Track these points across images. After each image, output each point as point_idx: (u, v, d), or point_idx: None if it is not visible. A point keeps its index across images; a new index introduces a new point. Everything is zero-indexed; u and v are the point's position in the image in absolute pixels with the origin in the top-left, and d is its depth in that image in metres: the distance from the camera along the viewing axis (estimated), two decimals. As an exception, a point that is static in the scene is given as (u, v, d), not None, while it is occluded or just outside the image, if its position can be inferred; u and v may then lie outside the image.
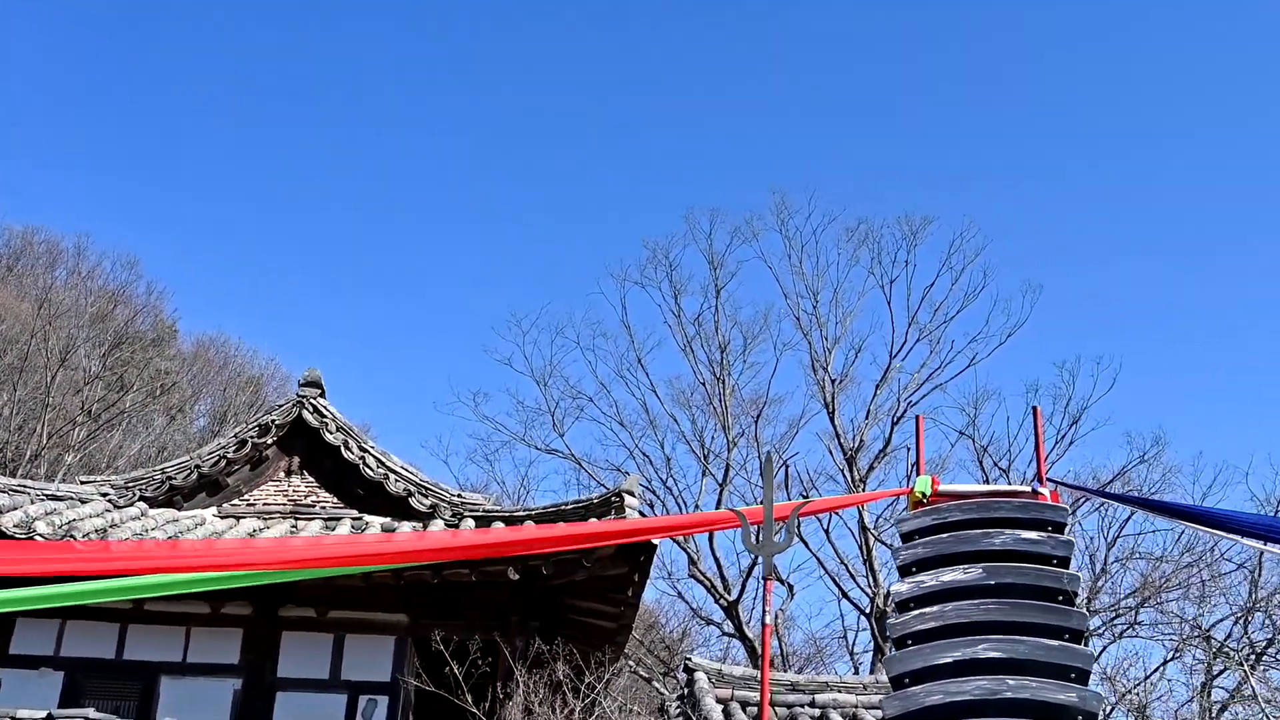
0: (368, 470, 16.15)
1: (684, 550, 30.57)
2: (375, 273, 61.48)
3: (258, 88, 63.71)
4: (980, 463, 29.59)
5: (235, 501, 16.24)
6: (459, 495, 16.50)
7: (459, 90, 62.01)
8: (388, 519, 15.81)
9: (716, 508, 28.50)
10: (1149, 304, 50.05)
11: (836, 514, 30.13)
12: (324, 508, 16.19)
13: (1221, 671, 25.07)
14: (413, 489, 16.10)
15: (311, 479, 16.51)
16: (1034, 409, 10.51)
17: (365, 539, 14.05)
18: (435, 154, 61.77)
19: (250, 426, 16.71)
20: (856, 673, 27.64)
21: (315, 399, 16.71)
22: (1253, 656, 25.13)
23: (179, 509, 16.06)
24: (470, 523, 15.64)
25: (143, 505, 15.94)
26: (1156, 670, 26.30)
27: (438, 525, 15.61)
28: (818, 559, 30.48)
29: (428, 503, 15.99)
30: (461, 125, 61.56)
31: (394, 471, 16.22)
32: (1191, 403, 47.29)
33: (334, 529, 15.55)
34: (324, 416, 16.55)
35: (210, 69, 63.01)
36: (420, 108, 62.55)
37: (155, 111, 62.18)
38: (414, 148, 61.85)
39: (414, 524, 15.67)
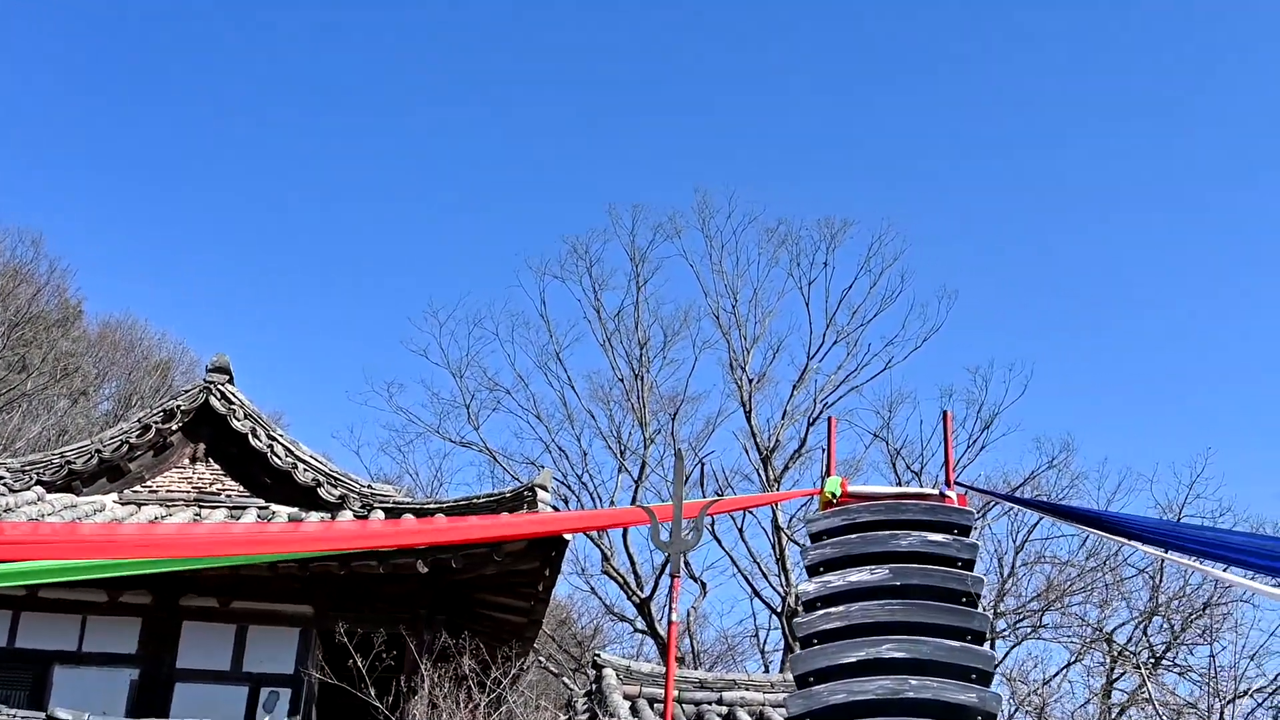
0: (275, 459, 15.87)
1: (597, 546, 30.54)
2: (290, 259, 60.60)
3: (178, 70, 62.59)
4: (894, 465, 29.96)
5: (137, 488, 15.87)
6: (369, 486, 16.27)
7: (376, 79, 61.36)
8: (295, 509, 15.55)
9: (632, 504, 28.47)
10: (1061, 312, 50.97)
11: (750, 513, 30.32)
12: (229, 496, 15.88)
13: (1122, 674, 25.61)
14: (321, 479, 15.84)
15: (217, 466, 16.18)
16: (944, 413, 10.60)
17: (272, 528, 13.81)
18: (350, 140, 61.01)
19: (155, 412, 16.33)
20: (767, 671, 27.78)
21: (223, 385, 16.37)
22: (1151, 660, 25.69)
23: (78, 494, 15.67)
24: (380, 514, 15.44)
25: (40, 490, 15.51)
26: (1059, 673, 26.81)
27: (346, 516, 15.38)
28: (731, 558, 30.65)
29: (337, 493, 15.74)
30: (376, 113, 60.89)
31: (303, 460, 15.94)
32: (1099, 410, 48.27)
33: (239, 518, 15.25)
34: (232, 403, 16.23)
35: (138, 52, 61.75)
36: (334, 92, 61.78)
37: (62, 91, 60.75)
38: (328, 133, 61.04)
39: (322, 514, 15.44)
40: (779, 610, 29.19)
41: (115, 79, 61.52)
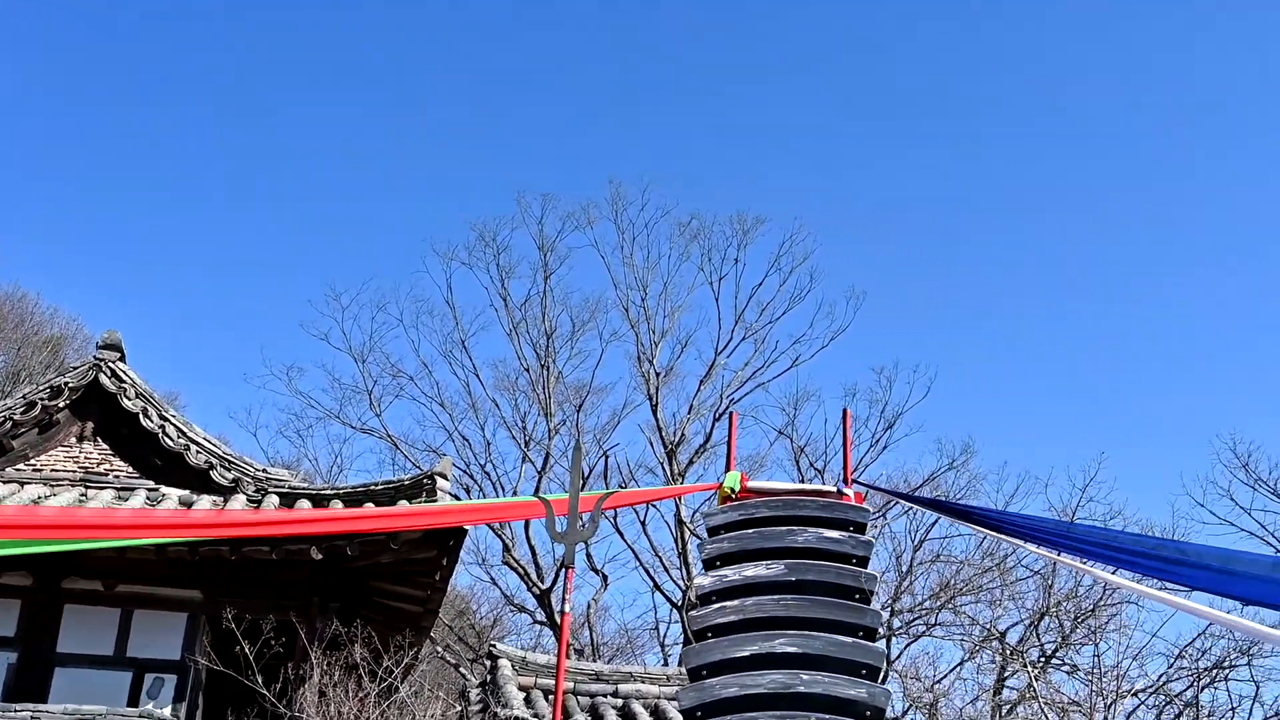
0: (167, 440, 15.45)
1: (499, 537, 30.34)
2: (190, 237, 59.06)
3: (75, 45, 60.89)
4: (797, 462, 30.19)
5: (20, 466, 15.34)
6: (264, 470, 15.93)
7: (280, 62, 60.29)
8: (186, 492, 15.16)
9: (535, 495, 28.29)
10: (965, 316, 51.78)
11: (653, 506, 30.32)
12: (118, 477, 15.44)
13: (1013, 673, 26.08)
14: (215, 461, 15.48)
15: (106, 446, 15.72)
16: (844, 411, 10.71)
17: (159, 512, 13.46)
18: (254, 124, 59.72)
19: (41, 388, 15.80)
20: (667, 664, 27.83)
21: (114, 363, 15.90)
22: (1042, 659, 26.20)
23: (-43, 472, 15.12)
24: (274, 499, 15.12)
25: (-83, 466, 14.95)
26: (952, 670, 27.25)
27: (239, 500, 15.04)
28: (633, 551, 30.64)
29: (230, 476, 15.39)
30: (282, 95, 59.73)
31: (195, 442, 15.56)
32: (1000, 414, 49.15)
33: (127, 500, 14.82)
34: (123, 381, 15.78)
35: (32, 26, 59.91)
36: (244, 78, 60.57)
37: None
38: (231, 115, 59.66)
39: (214, 498, 15.07)
40: (679, 604, 29.24)
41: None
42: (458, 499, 21.95)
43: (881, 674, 8.12)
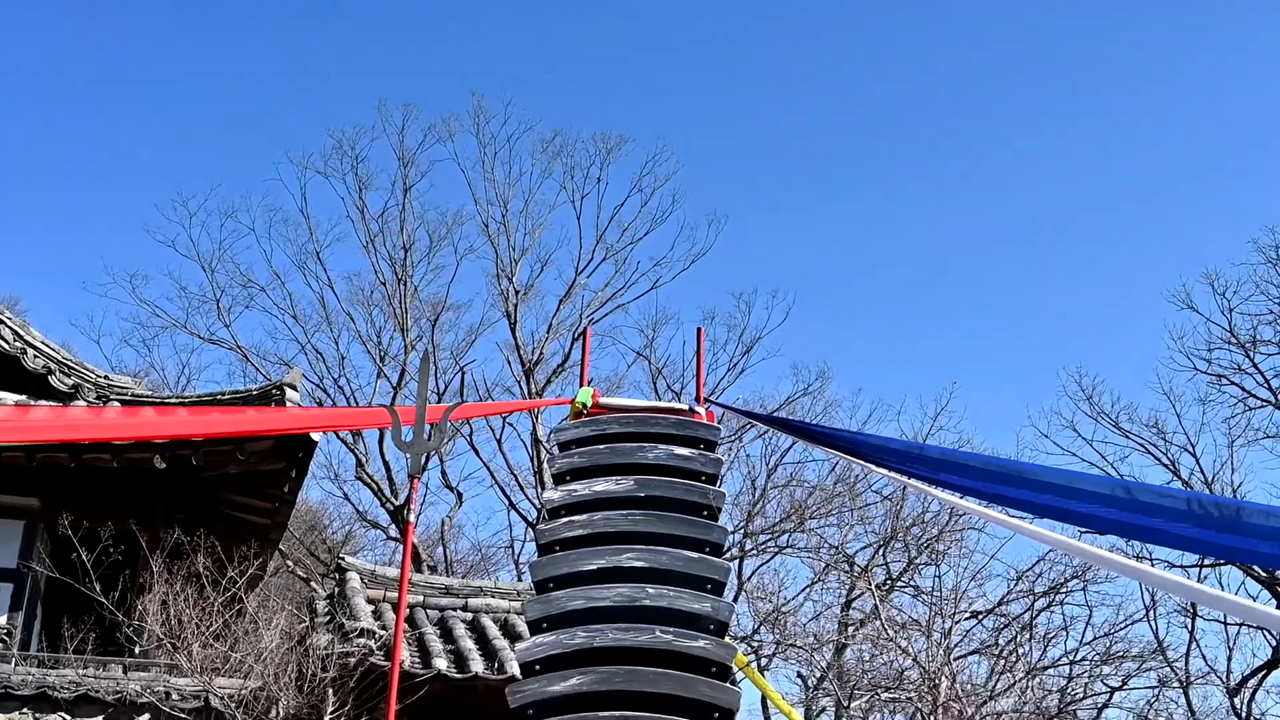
0: (3, 343, 14.86)
1: (352, 451, 30.02)
2: (21, 128, 55.92)
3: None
4: (654, 384, 30.43)
5: None
6: (105, 377, 15.45)
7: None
8: (22, 397, 14.61)
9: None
10: (824, 244, 52.47)
11: (510, 425, 30.33)
12: (-52, 380, 14.81)
13: (860, 594, 26.88)
14: (54, 366, 14.95)
15: (-64, 349, 15.04)
16: (697, 330, 10.75)
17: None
18: (98, 16, 56.71)
19: None
20: (520, 581, 28.00)
21: (-54, 261, 15.20)
22: (887, 581, 27.07)
23: None
24: (116, 405, 14.68)
25: None
26: (803, 592, 27.99)
27: (79, 406, 14.55)
28: (489, 469, 30.61)
29: (69, 382, 14.89)
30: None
31: (33, 346, 14.99)
32: (855, 341, 50.09)
33: (-42, 403, 14.22)
34: (-45, 280, 15.08)
35: None
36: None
37: None
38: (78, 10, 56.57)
39: (52, 404, 14.55)
40: (534, 523, 29.40)
41: None
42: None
43: (726, 589, 8.26)
